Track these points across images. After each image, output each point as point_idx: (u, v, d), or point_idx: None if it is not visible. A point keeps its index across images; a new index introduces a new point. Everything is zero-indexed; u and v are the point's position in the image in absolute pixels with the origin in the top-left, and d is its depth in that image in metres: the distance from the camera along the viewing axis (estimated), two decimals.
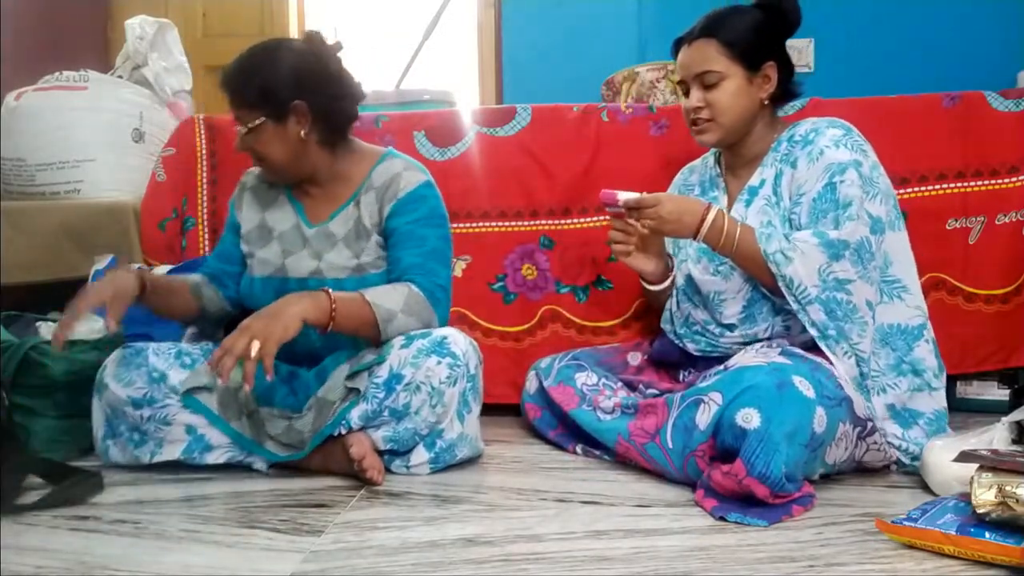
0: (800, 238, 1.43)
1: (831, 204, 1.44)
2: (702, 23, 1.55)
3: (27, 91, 2.18)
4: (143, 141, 2.22)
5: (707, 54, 1.53)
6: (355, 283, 1.50)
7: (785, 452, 1.20)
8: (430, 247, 1.51)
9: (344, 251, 1.53)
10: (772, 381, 1.26)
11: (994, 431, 1.30)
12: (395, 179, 1.53)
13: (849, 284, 1.41)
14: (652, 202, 1.46)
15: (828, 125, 1.52)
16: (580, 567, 1.05)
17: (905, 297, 1.50)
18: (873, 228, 1.44)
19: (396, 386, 1.41)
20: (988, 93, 1.93)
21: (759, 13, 1.54)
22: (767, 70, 1.53)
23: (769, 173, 1.55)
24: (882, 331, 1.48)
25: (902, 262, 1.51)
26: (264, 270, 1.57)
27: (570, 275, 1.97)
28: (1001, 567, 1.02)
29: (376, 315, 1.41)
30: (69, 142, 2.12)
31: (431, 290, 1.48)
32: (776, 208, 1.52)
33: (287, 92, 1.46)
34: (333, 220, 1.56)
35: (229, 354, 1.27)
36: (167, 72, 2.37)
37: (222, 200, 2.03)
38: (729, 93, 1.52)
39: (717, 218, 1.44)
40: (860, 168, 1.45)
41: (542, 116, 2.00)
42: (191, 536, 1.16)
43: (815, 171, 1.47)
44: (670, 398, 1.41)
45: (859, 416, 1.35)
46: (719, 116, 1.53)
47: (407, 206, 1.52)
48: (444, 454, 1.45)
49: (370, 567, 1.06)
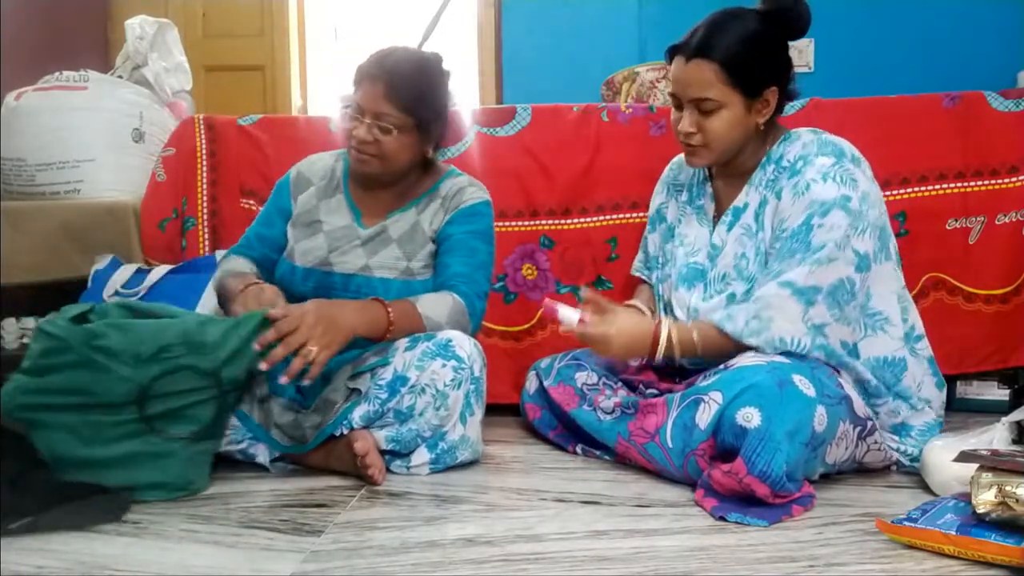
0: (768, 294, 1.37)
1: (801, 246, 1.37)
2: (700, 38, 1.42)
3: (27, 91, 2.18)
4: (143, 141, 2.22)
5: (704, 78, 1.41)
6: (401, 286, 1.53)
7: (786, 451, 1.20)
8: (479, 260, 1.57)
9: (396, 251, 1.56)
10: (772, 380, 1.26)
11: (994, 431, 1.30)
12: (460, 192, 1.60)
13: (825, 327, 1.37)
14: (599, 339, 1.42)
15: (818, 151, 1.42)
16: (580, 567, 1.05)
17: (888, 329, 1.45)
18: (859, 266, 1.37)
19: (400, 388, 1.41)
20: (988, 93, 1.93)
21: (762, 26, 1.43)
22: (768, 95, 1.44)
23: (754, 198, 1.48)
24: (868, 364, 1.44)
25: (882, 294, 1.44)
26: (306, 260, 1.58)
27: (570, 275, 1.97)
28: (1001, 567, 1.02)
29: (426, 327, 1.47)
30: (69, 142, 2.12)
31: (472, 301, 1.53)
32: (753, 239, 1.47)
33: (438, 110, 1.54)
34: (389, 220, 1.59)
35: (286, 347, 1.31)
36: (167, 72, 2.37)
37: (222, 200, 2.03)
38: (725, 121, 1.43)
39: (670, 339, 1.42)
40: (848, 204, 1.36)
41: (542, 116, 2.00)
42: (191, 536, 1.16)
43: (799, 207, 1.38)
44: (670, 398, 1.41)
45: (859, 415, 1.35)
46: (712, 143, 1.46)
47: (466, 217, 1.58)
48: (445, 456, 1.45)
49: (370, 567, 1.06)
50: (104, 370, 1.26)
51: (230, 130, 2.05)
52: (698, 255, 1.56)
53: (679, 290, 1.57)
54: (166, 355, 1.29)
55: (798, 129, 1.50)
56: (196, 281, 1.80)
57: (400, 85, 1.48)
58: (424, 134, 1.53)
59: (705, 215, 1.58)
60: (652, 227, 1.74)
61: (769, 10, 1.44)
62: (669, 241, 1.65)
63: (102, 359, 1.26)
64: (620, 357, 1.49)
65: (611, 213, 1.96)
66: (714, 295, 1.50)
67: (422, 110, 1.50)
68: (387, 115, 1.48)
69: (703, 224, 1.58)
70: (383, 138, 1.49)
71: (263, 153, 2.02)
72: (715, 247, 1.53)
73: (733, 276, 1.48)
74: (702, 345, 1.42)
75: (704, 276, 1.53)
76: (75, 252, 1.98)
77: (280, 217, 1.65)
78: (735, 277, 1.48)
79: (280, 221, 1.65)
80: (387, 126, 1.49)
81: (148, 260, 1.99)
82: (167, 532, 1.18)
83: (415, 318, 1.47)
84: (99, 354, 1.26)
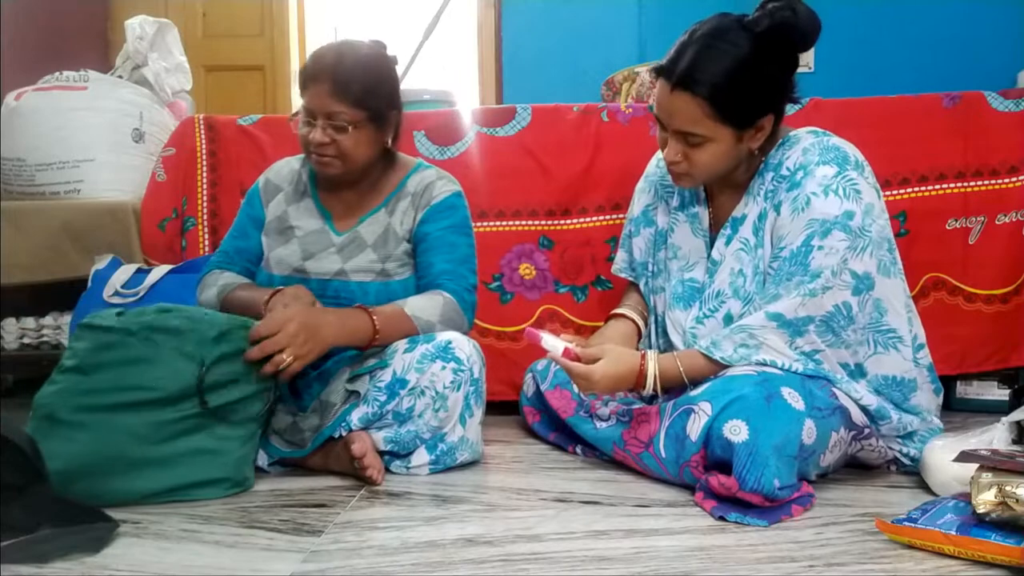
0: (756, 324, 1.34)
1: (799, 268, 1.32)
2: (684, 68, 1.30)
3: (27, 91, 2.18)
4: (143, 141, 2.22)
5: (691, 114, 1.32)
6: (379, 287, 1.52)
7: (774, 465, 1.19)
8: (461, 254, 1.56)
9: (371, 254, 1.55)
10: (760, 393, 1.24)
11: (994, 431, 1.30)
12: (429, 187, 1.58)
13: (817, 354, 1.34)
14: (584, 374, 1.37)
15: (819, 160, 1.34)
16: (580, 567, 1.05)
17: (901, 348, 1.39)
18: (857, 288, 1.31)
19: (400, 390, 1.41)
20: (988, 93, 1.93)
21: (756, 49, 1.29)
22: (762, 123, 1.35)
23: (753, 208, 1.42)
24: (876, 382, 1.39)
25: (897, 310, 1.38)
26: (282, 269, 1.56)
27: (569, 275, 1.97)
28: (1001, 567, 1.02)
29: (418, 328, 1.46)
30: (69, 142, 2.12)
31: (461, 296, 1.52)
32: (751, 254, 1.41)
33: (389, 99, 1.52)
34: (362, 224, 1.57)
35: (261, 350, 1.32)
36: (167, 72, 2.37)
37: (222, 200, 2.03)
38: (712, 154, 1.36)
39: (655, 372, 1.38)
40: (850, 222, 1.29)
41: (542, 116, 2.00)
42: (191, 536, 1.16)
43: (798, 225, 1.32)
44: (663, 406, 1.39)
45: (856, 423, 1.34)
46: (697, 173, 1.39)
47: (440, 213, 1.56)
48: (445, 457, 1.45)
49: (370, 567, 1.05)
50: (163, 361, 1.26)
51: (230, 130, 2.05)
52: (694, 270, 1.51)
53: (674, 311, 1.52)
54: (228, 337, 1.31)
55: (798, 131, 1.44)
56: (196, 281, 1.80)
57: (347, 80, 1.45)
58: (380, 125, 1.51)
59: (700, 225, 1.52)
60: (636, 229, 1.65)
61: (764, 30, 1.30)
62: (661, 249, 1.59)
63: (166, 341, 1.27)
64: (603, 391, 1.44)
65: (611, 213, 1.96)
66: (708, 314, 1.46)
67: (373, 101, 1.48)
68: (339, 113, 1.46)
69: (697, 235, 1.52)
70: (339, 137, 1.47)
71: (263, 153, 2.02)
72: (715, 262, 1.47)
73: (728, 294, 1.44)
74: (688, 374, 1.39)
75: (700, 294, 1.49)
76: (75, 252, 1.98)
77: (254, 227, 1.63)
78: (730, 295, 1.43)
79: (254, 231, 1.63)
80: (341, 124, 1.46)
81: (148, 260, 1.99)
82: (167, 532, 1.17)
83: (404, 321, 1.46)
84: (163, 335, 1.27)
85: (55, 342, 2.05)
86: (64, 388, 1.27)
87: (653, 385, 1.39)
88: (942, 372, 1.53)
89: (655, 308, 1.61)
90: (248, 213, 1.65)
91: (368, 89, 1.47)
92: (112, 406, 1.25)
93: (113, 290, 1.84)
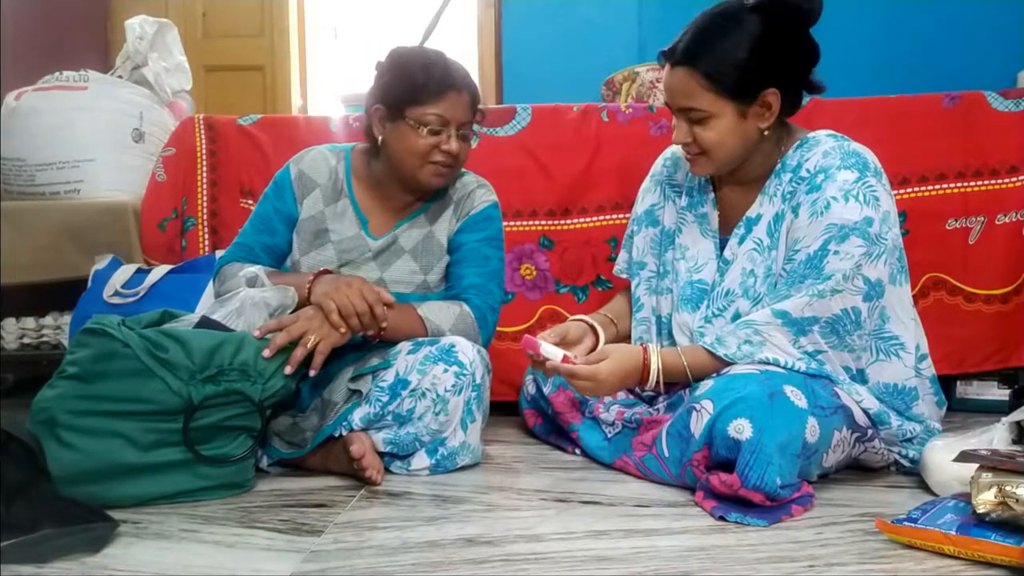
0: (761, 320, 1.34)
1: (813, 271, 1.32)
2: (684, 44, 1.35)
3: (27, 91, 2.18)
4: (143, 141, 2.22)
5: (689, 88, 1.35)
6: (418, 300, 1.52)
7: (778, 463, 1.19)
8: (492, 268, 1.56)
9: (411, 263, 1.55)
10: (763, 391, 1.24)
11: (994, 431, 1.29)
12: (471, 195, 1.59)
13: (820, 355, 1.35)
14: (589, 375, 1.35)
15: (840, 164, 1.33)
16: (580, 567, 1.05)
17: (903, 356, 1.39)
18: (868, 295, 1.32)
19: (401, 391, 1.41)
20: (988, 93, 1.93)
21: (757, 24, 1.32)
22: (766, 97, 1.35)
23: (769, 209, 1.41)
24: (877, 390, 1.39)
25: (900, 318, 1.39)
26: None
27: (570, 275, 1.97)
28: (1001, 567, 1.02)
29: (428, 330, 1.46)
30: (69, 142, 2.11)
31: (484, 312, 1.52)
32: (764, 255, 1.41)
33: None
34: (399, 229, 1.56)
35: (287, 334, 1.33)
36: (167, 72, 2.37)
37: (222, 200, 2.03)
38: (717, 131, 1.36)
39: (659, 365, 1.38)
40: (869, 228, 1.29)
41: (542, 116, 2.00)
42: (191, 536, 1.16)
43: (816, 228, 1.32)
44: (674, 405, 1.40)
45: (859, 423, 1.34)
46: (709, 152, 1.39)
47: (477, 224, 1.57)
48: (445, 461, 1.44)
49: (370, 567, 1.05)
50: (159, 381, 1.25)
51: (230, 130, 2.05)
52: (702, 271, 1.49)
53: (681, 313, 1.50)
54: (222, 378, 1.28)
55: (817, 133, 1.43)
56: (196, 281, 1.80)
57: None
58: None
59: (709, 226, 1.51)
60: (639, 227, 1.63)
61: (758, 3, 1.34)
62: (669, 250, 1.57)
63: (159, 370, 1.25)
64: (608, 393, 1.44)
65: (611, 213, 1.97)
66: (717, 312, 1.45)
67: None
68: (468, 123, 1.51)
69: (706, 236, 1.51)
70: (464, 146, 1.51)
71: (263, 153, 2.02)
72: (726, 261, 1.46)
73: (738, 293, 1.43)
74: (691, 369, 1.39)
75: (708, 294, 1.48)
76: (75, 252, 1.97)
77: (283, 223, 1.57)
78: (740, 295, 1.42)
79: (283, 227, 1.57)
80: (467, 133, 1.51)
81: (148, 260, 1.99)
82: (167, 532, 1.17)
83: (414, 321, 1.46)
84: (157, 364, 1.25)
85: (55, 342, 2.05)
86: (64, 393, 1.26)
87: (656, 378, 1.39)
88: (942, 372, 1.53)
89: (659, 312, 1.58)
90: (276, 207, 1.57)
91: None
92: (112, 413, 1.25)
93: (113, 290, 1.83)
